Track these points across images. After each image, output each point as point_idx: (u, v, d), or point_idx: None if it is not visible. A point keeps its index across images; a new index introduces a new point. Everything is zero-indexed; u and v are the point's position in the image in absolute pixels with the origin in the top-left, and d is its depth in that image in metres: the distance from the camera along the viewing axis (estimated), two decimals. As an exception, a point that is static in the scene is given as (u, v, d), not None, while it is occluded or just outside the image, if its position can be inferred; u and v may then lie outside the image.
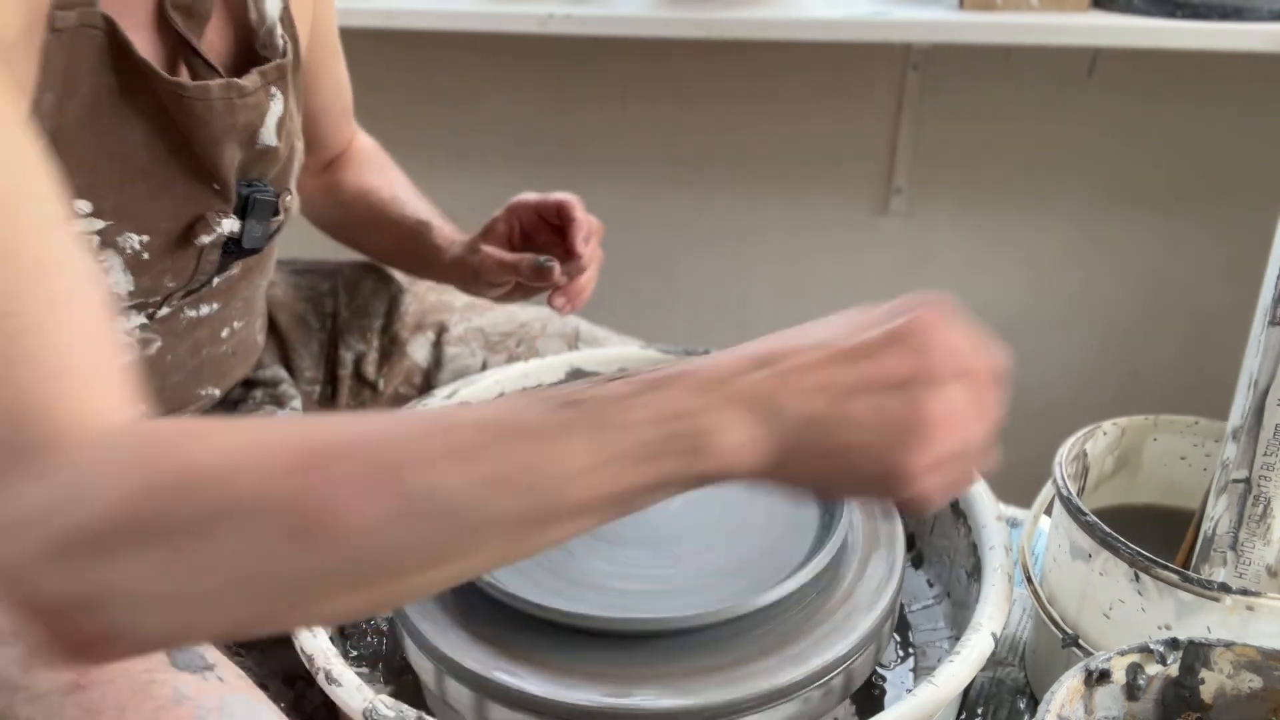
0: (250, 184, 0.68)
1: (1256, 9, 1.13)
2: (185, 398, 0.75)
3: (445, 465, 0.38)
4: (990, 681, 0.73)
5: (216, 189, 0.65)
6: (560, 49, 1.46)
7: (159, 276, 0.65)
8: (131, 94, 0.59)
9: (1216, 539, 0.63)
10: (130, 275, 0.63)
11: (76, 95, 0.56)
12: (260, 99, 0.65)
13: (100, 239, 0.61)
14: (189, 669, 0.52)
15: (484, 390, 0.85)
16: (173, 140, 0.62)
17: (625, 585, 0.63)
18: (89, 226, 0.60)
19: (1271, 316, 0.60)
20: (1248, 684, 0.52)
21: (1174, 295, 1.46)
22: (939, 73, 1.39)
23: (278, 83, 0.67)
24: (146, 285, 0.64)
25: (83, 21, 0.55)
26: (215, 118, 0.62)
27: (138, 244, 0.62)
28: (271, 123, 0.67)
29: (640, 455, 0.40)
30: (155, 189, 0.62)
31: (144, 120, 0.60)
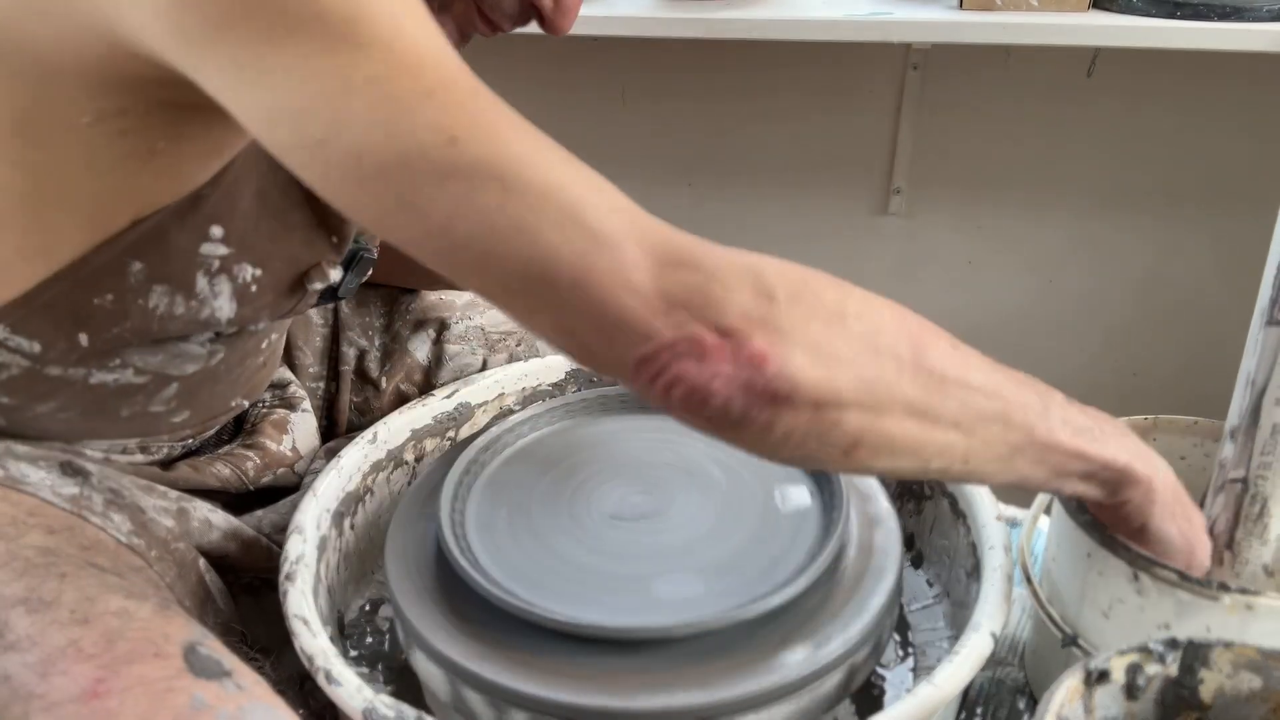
0: (357, 241, 0.71)
1: (1256, 9, 1.13)
2: (219, 407, 0.75)
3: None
4: (990, 681, 0.73)
5: (334, 242, 0.68)
6: (560, 49, 1.46)
7: (260, 309, 0.66)
8: None
9: (1214, 538, 0.63)
10: (235, 304, 0.64)
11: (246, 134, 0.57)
12: None
13: (220, 263, 0.62)
14: (207, 675, 0.52)
15: (484, 391, 0.85)
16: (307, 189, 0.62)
17: (626, 586, 0.63)
18: (214, 251, 0.61)
19: (1269, 316, 0.60)
20: (1247, 684, 0.52)
21: (1173, 295, 1.46)
22: (939, 73, 1.39)
23: None
24: (246, 314, 0.66)
25: None
26: None
27: (250, 276, 0.64)
28: None
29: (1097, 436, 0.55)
30: (282, 230, 0.64)
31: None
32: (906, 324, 0.51)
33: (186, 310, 0.62)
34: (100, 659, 0.51)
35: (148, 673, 0.50)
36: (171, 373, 0.66)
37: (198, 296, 0.62)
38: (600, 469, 0.73)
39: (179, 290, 0.61)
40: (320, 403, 0.87)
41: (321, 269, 0.68)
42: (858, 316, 0.49)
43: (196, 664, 0.52)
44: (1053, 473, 0.54)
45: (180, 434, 0.73)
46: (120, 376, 0.64)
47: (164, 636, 0.53)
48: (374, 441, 0.77)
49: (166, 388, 0.68)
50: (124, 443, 0.70)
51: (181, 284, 0.61)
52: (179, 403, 0.70)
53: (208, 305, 0.63)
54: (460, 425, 0.84)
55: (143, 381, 0.66)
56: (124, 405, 0.67)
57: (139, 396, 0.67)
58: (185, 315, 0.62)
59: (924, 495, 0.77)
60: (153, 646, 0.52)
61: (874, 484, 0.74)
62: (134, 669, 0.50)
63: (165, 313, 0.61)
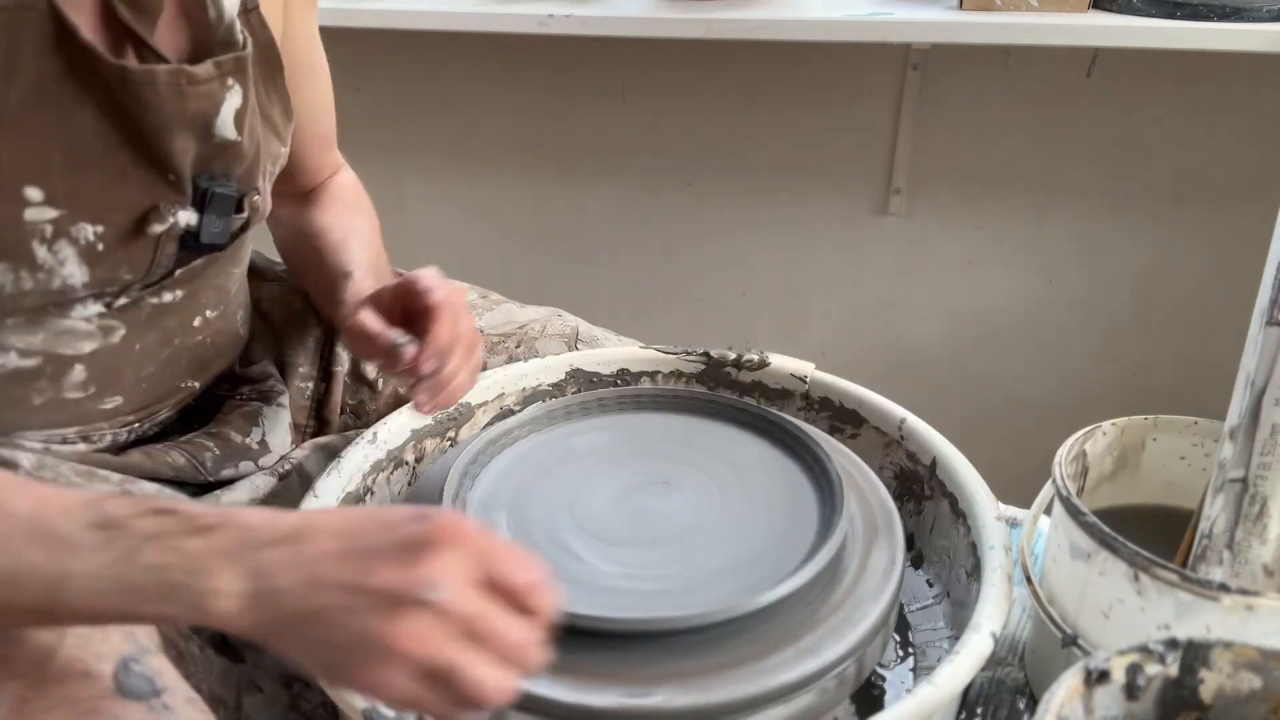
0: (212, 178, 0.67)
1: (1255, 9, 1.13)
2: (162, 390, 0.75)
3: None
4: (990, 681, 0.73)
5: (170, 180, 0.65)
6: (560, 49, 1.46)
7: (114, 268, 0.65)
8: (78, 78, 0.58)
9: (1213, 538, 0.63)
10: (86, 266, 0.63)
11: (20, 79, 0.56)
12: (214, 89, 0.65)
13: (54, 228, 0.60)
14: (135, 695, 0.51)
15: (484, 390, 0.85)
16: (124, 127, 0.61)
17: (627, 585, 0.63)
18: (41, 215, 0.60)
19: (1269, 317, 0.60)
20: (1247, 684, 0.53)
21: (1173, 295, 1.46)
22: (939, 73, 1.39)
23: (235, 74, 0.66)
24: (102, 276, 0.64)
25: (21, 2, 0.55)
26: (163, 103, 0.61)
27: (92, 234, 0.62)
28: (228, 114, 0.66)
29: (146, 597, 0.46)
30: (108, 178, 0.62)
31: (93, 105, 0.60)
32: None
33: (35, 283, 0.61)
34: (30, 677, 0.50)
35: (74, 692, 0.50)
36: (64, 352, 0.65)
37: (42, 267, 0.61)
38: (600, 471, 0.73)
39: (21, 264, 0.60)
40: (309, 402, 0.86)
41: (159, 211, 0.64)
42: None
43: (126, 684, 0.51)
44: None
45: (122, 420, 0.73)
46: (5, 361, 0.63)
47: (95, 655, 0.53)
48: (374, 442, 0.77)
49: (69, 370, 0.66)
50: (62, 432, 0.70)
51: (19, 256, 0.60)
52: (99, 388, 0.69)
53: (56, 275, 0.61)
54: (460, 425, 0.84)
55: (34, 364, 0.65)
56: (30, 392, 0.66)
57: (40, 382, 0.66)
58: (36, 288, 0.61)
59: (924, 495, 0.77)
60: (82, 664, 0.52)
61: (875, 484, 0.74)
62: (61, 688, 0.50)
63: (14, 289, 0.60)
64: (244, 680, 0.69)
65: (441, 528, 0.47)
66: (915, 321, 1.57)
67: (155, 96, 0.61)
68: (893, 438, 0.80)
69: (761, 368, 0.86)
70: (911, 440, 0.78)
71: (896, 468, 0.80)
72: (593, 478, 0.72)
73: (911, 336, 1.58)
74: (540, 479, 0.72)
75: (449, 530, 0.47)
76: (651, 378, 0.88)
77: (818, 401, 0.85)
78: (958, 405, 1.55)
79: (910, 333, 1.58)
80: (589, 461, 0.74)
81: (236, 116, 0.67)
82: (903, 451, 0.79)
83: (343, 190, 0.90)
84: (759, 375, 0.87)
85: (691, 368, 0.88)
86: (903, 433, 0.79)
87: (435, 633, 0.45)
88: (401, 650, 0.44)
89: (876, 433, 0.82)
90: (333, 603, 0.45)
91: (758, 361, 0.86)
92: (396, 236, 1.72)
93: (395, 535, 0.47)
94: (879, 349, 1.61)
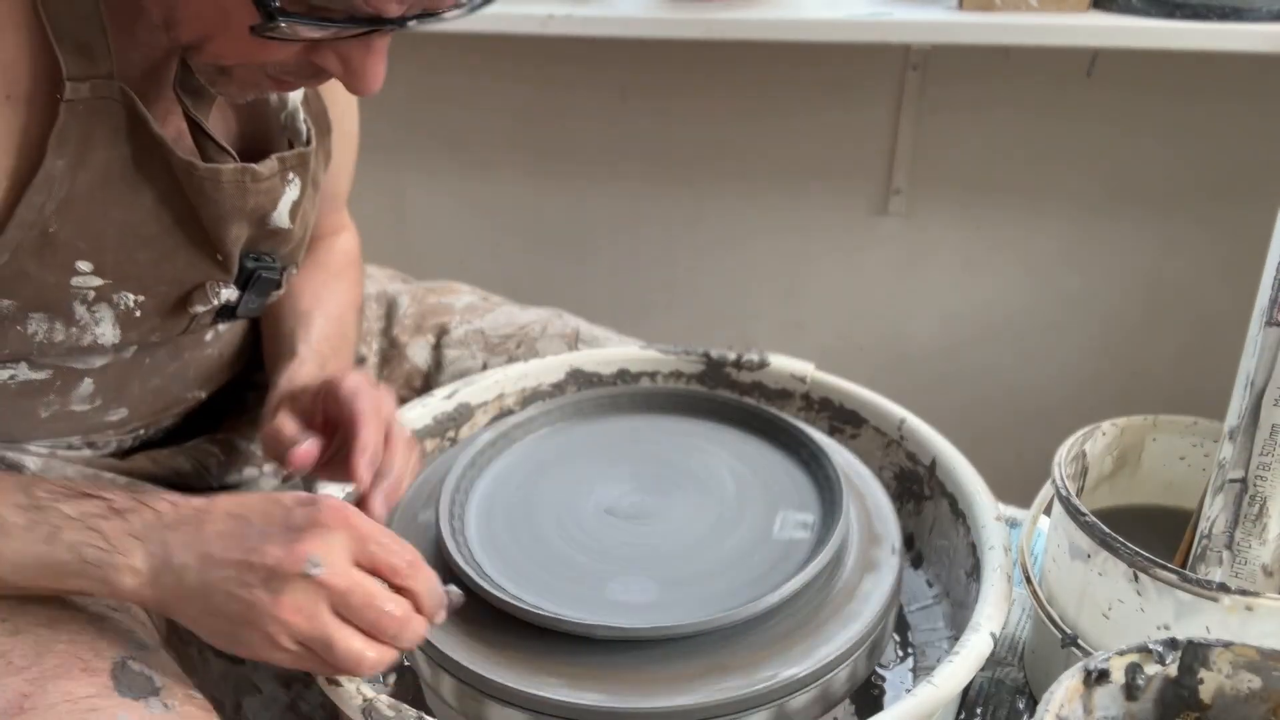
0: (258, 258, 0.68)
1: (1255, 9, 1.13)
2: (168, 401, 0.75)
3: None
4: (989, 681, 0.73)
5: (219, 260, 0.65)
6: (560, 49, 1.46)
7: (147, 332, 0.65)
8: (144, 165, 0.59)
9: (1213, 539, 0.63)
10: (119, 329, 0.63)
11: (90, 165, 0.56)
12: (275, 184, 0.65)
13: (95, 294, 0.61)
14: (134, 694, 0.52)
15: (484, 390, 0.85)
16: (180, 211, 0.62)
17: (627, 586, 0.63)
18: (86, 283, 0.60)
19: (1268, 317, 0.60)
20: (1246, 684, 0.53)
21: (1172, 295, 1.46)
22: (939, 73, 1.39)
23: (297, 169, 0.67)
24: (133, 338, 0.65)
25: (97, 94, 0.55)
26: (225, 198, 0.62)
27: (132, 302, 0.63)
28: (285, 207, 0.67)
29: (66, 572, 0.52)
30: (158, 255, 0.62)
31: (154, 190, 0.60)
32: None
33: (67, 336, 0.61)
34: (28, 672, 0.51)
35: (73, 689, 0.51)
36: (76, 366, 0.66)
37: (78, 323, 0.61)
38: (600, 470, 0.73)
39: (57, 318, 0.60)
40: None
41: (204, 291, 0.65)
42: None
43: (124, 681, 0.52)
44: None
45: (128, 429, 0.73)
46: (16, 372, 0.64)
47: (94, 651, 0.53)
48: (374, 442, 0.77)
49: (78, 384, 0.67)
50: (68, 439, 0.70)
51: (59, 312, 0.60)
52: (106, 400, 0.69)
53: (89, 331, 0.62)
54: (460, 426, 0.84)
55: (44, 378, 0.65)
56: (37, 405, 0.66)
57: (49, 395, 0.66)
58: (66, 341, 0.62)
59: (924, 496, 0.77)
60: (81, 661, 0.52)
61: (875, 484, 0.74)
62: (60, 685, 0.50)
63: (45, 339, 0.61)
64: (243, 681, 0.69)
65: (326, 511, 0.53)
66: (915, 321, 1.57)
67: (218, 192, 0.61)
68: (892, 438, 0.80)
69: (761, 368, 0.86)
70: (911, 440, 0.78)
71: (896, 468, 0.80)
72: (592, 477, 0.72)
73: (911, 336, 1.58)
74: (540, 479, 0.72)
75: (332, 513, 0.52)
76: (651, 378, 0.88)
77: (817, 402, 0.85)
78: (957, 405, 1.55)
79: (910, 333, 1.58)
80: (589, 461, 0.74)
81: (293, 208, 0.67)
82: (902, 452, 0.79)
83: (331, 255, 0.86)
84: (759, 375, 0.87)
85: (691, 368, 0.88)
86: (902, 433, 0.79)
87: (314, 605, 0.51)
88: (283, 620, 0.50)
89: (876, 433, 0.82)
90: (224, 577, 0.51)
91: (758, 362, 0.86)
92: (396, 236, 1.73)
93: (284, 518, 0.53)
94: (879, 349, 1.61)
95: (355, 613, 0.52)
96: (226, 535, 0.53)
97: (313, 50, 0.54)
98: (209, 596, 0.52)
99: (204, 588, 0.52)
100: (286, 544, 0.51)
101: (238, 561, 0.51)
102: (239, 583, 0.51)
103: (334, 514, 0.53)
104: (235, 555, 0.52)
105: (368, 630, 0.52)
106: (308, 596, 0.51)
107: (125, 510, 0.53)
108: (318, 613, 0.51)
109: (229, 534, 0.53)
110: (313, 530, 0.52)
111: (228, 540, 0.52)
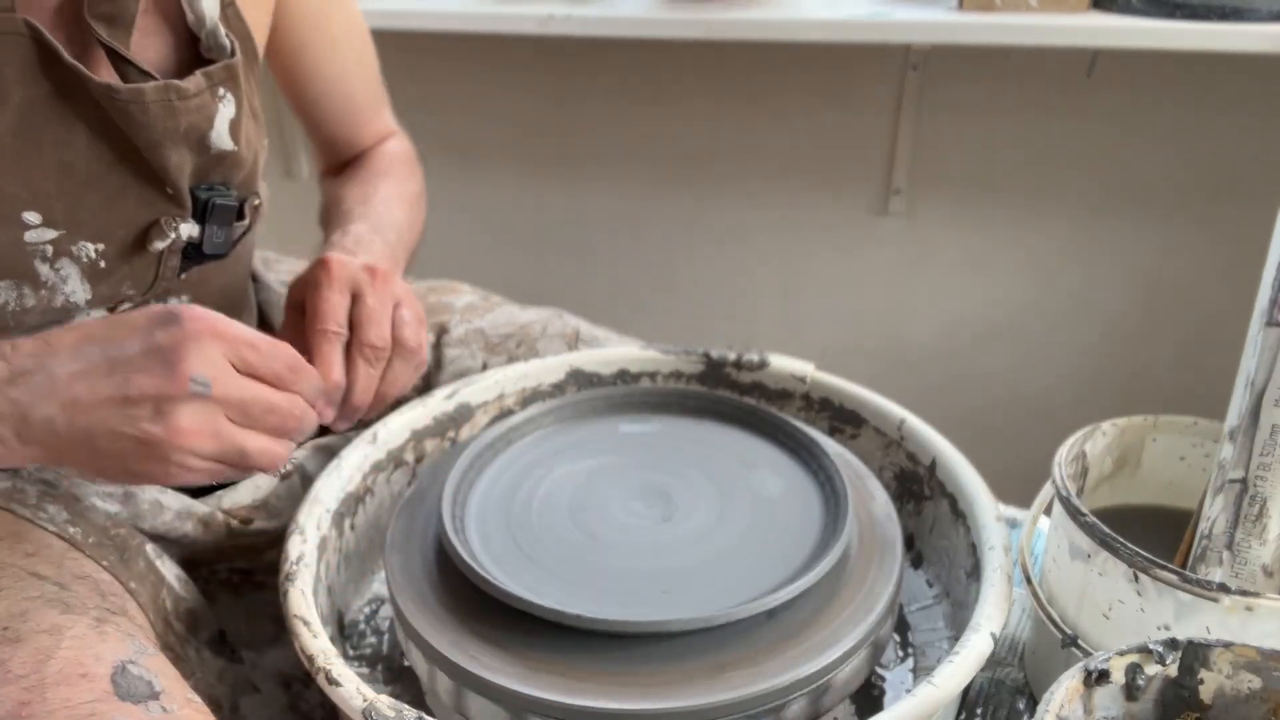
0: (211, 188, 0.66)
1: (1255, 10, 1.13)
2: None
3: None
4: (989, 682, 0.73)
5: (169, 194, 0.63)
6: (560, 49, 1.46)
7: (118, 284, 0.64)
8: (67, 100, 0.57)
9: (1213, 539, 0.63)
10: (88, 284, 0.62)
11: (9, 104, 0.55)
12: (205, 101, 0.63)
13: (54, 249, 0.60)
14: (134, 698, 0.51)
15: (484, 390, 0.85)
16: (117, 146, 0.60)
17: (628, 586, 0.63)
18: (40, 237, 0.59)
19: (1269, 317, 0.60)
20: (1247, 684, 0.53)
21: (1173, 295, 1.46)
22: (939, 73, 1.39)
23: (227, 84, 0.65)
24: (105, 293, 0.64)
25: (2, 28, 0.54)
26: (154, 120, 0.60)
27: (93, 252, 0.61)
28: (223, 126, 0.65)
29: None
30: (106, 197, 0.61)
31: (85, 127, 0.59)
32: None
33: (38, 300, 0.60)
34: (28, 680, 0.50)
35: (72, 696, 0.50)
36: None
37: (45, 285, 0.60)
38: (600, 470, 0.73)
39: (24, 281, 0.59)
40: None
41: (160, 226, 0.63)
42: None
43: (124, 685, 0.51)
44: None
45: None
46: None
47: (94, 657, 0.53)
48: (374, 442, 0.77)
49: None
50: None
51: (22, 274, 0.59)
52: None
53: (59, 292, 0.61)
54: (460, 426, 0.84)
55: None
56: None
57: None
58: (39, 306, 0.61)
59: (924, 496, 0.77)
60: (81, 667, 0.52)
61: (875, 484, 0.74)
62: (59, 691, 0.50)
63: (16, 306, 0.60)
64: (241, 681, 0.69)
65: (191, 323, 0.50)
66: (915, 322, 1.57)
67: (145, 115, 0.60)
68: (892, 438, 0.80)
69: (761, 368, 0.86)
70: (911, 441, 0.78)
71: (896, 468, 0.80)
72: (593, 478, 0.72)
73: (911, 337, 1.59)
74: (540, 480, 0.72)
75: (198, 324, 0.50)
76: (651, 378, 0.88)
77: (817, 402, 0.85)
78: (958, 405, 1.55)
79: (910, 333, 1.58)
80: (589, 462, 0.74)
81: (231, 126, 0.65)
82: (903, 452, 0.79)
83: (375, 159, 0.84)
84: (759, 376, 0.87)
85: (691, 368, 0.88)
86: (902, 433, 0.79)
87: (214, 422, 0.49)
88: (186, 446, 0.49)
89: (876, 433, 0.82)
90: (101, 419, 0.48)
91: (757, 362, 0.86)
92: (396, 237, 1.72)
93: (146, 341, 0.50)
94: (879, 349, 1.61)
95: (256, 420, 0.51)
96: (86, 374, 0.49)
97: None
98: (92, 440, 0.49)
99: (83, 433, 0.49)
100: (164, 369, 0.48)
101: (111, 398, 0.48)
102: (123, 419, 0.48)
103: (201, 324, 0.50)
104: (106, 392, 0.49)
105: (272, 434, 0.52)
106: (205, 416, 0.49)
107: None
108: (220, 428, 0.50)
109: (88, 372, 0.49)
110: (185, 346, 0.49)
111: (90, 379, 0.49)
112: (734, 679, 0.57)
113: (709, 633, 0.59)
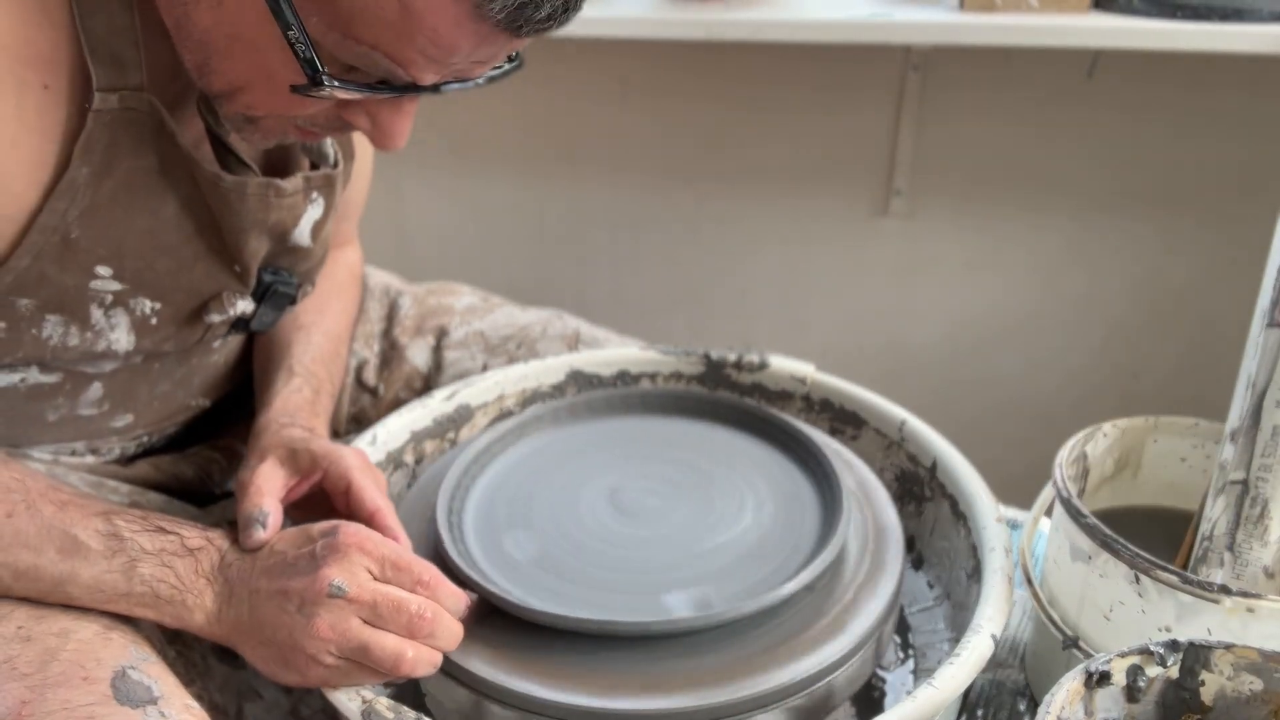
0: (275, 273, 0.69)
1: (1256, 10, 1.13)
2: (174, 408, 0.74)
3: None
4: (990, 683, 0.73)
5: (236, 272, 0.66)
6: (560, 49, 1.46)
7: (161, 341, 0.65)
8: (167, 176, 0.59)
9: (1214, 540, 0.63)
10: (134, 335, 0.63)
11: (114, 174, 0.57)
12: (297, 201, 0.65)
13: (114, 298, 0.61)
14: (132, 703, 0.52)
15: (484, 392, 0.85)
16: (201, 221, 0.62)
17: (628, 587, 0.63)
18: (105, 287, 0.60)
19: (1270, 318, 0.60)
20: (1248, 686, 0.52)
21: (1174, 297, 1.46)
22: (939, 74, 1.39)
23: (322, 189, 0.67)
24: (146, 346, 0.65)
25: (125, 105, 0.55)
26: (248, 210, 0.62)
27: (149, 309, 0.63)
28: (307, 225, 0.67)
29: (139, 602, 0.56)
30: (177, 264, 0.63)
31: (176, 199, 0.60)
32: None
33: (82, 341, 0.61)
34: (31, 679, 0.51)
35: (72, 698, 0.51)
36: (86, 370, 0.66)
37: (93, 328, 0.61)
38: (599, 471, 0.73)
39: (73, 321, 0.60)
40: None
41: (221, 301, 0.66)
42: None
43: (124, 690, 0.53)
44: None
45: (131, 435, 0.73)
46: (26, 375, 0.64)
47: (96, 661, 0.54)
48: (373, 444, 0.77)
49: (87, 388, 0.67)
50: (71, 445, 0.70)
51: (75, 315, 0.60)
52: (113, 405, 0.69)
53: (104, 337, 0.62)
54: (460, 427, 0.84)
55: (54, 380, 0.65)
56: (45, 409, 0.66)
57: (58, 399, 0.66)
58: (80, 346, 0.62)
59: (924, 497, 0.77)
60: (82, 670, 0.53)
61: (876, 485, 0.74)
62: (60, 693, 0.51)
63: (59, 343, 0.61)
64: (244, 687, 0.69)
65: (343, 535, 0.57)
66: (916, 323, 1.57)
67: (241, 204, 0.62)
68: (893, 439, 0.80)
69: (761, 369, 0.86)
70: (912, 442, 0.78)
71: (897, 469, 0.80)
72: (592, 479, 0.72)
73: (912, 338, 1.58)
74: (539, 481, 0.72)
75: (349, 537, 0.57)
76: (651, 379, 0.88)
77: (818, 403, 0.85)
78: (958, 407, 1.55)
79: (911, 334, 1.58)
80: (588, 463, 0.74)
81: (315, 227, 0.68)
82: (903, 453, 0.79)
83: (337, 268, 0.85)
84: (759, 377, 0.87)
85: (691, 369, 0.88)
86: (903, 434, 0.79)
87: (345, 620, 0.54)
88: (319, 638, 0.54)
89: (877, 434, 0.81)
90: (268, 609, 0.56)
91: (758, 363, 0.86)
92: (396, 237, 1.73)
93: (310, 547, 0.57)
94: (879, 350, 1.61)
95: (386, 620, 0.55)
96: (269, 570, 0.57)
97: (344, 107, 0.56)
98: (260, 628, 0.56)
99: (256, 621, 0.56)
100: (311, 571, 0.55)
101: (276, 592, 0.56)
102: (279, 610, 0.55)
103: (350, 537, 0.57)
104: (275, 587, 0.56)
105: (401, 633, 0.55)
106: (338, 614, 0.54)
107: (196, 549, 0.58)
108: (349, 626, 0.54)
109: (271, 569, 0.57)
110: (333, 555, 0.56)
111: (270, 574, 0.57)
112: (734, 679, 0.57)
113: (709, 633, 0.59)
